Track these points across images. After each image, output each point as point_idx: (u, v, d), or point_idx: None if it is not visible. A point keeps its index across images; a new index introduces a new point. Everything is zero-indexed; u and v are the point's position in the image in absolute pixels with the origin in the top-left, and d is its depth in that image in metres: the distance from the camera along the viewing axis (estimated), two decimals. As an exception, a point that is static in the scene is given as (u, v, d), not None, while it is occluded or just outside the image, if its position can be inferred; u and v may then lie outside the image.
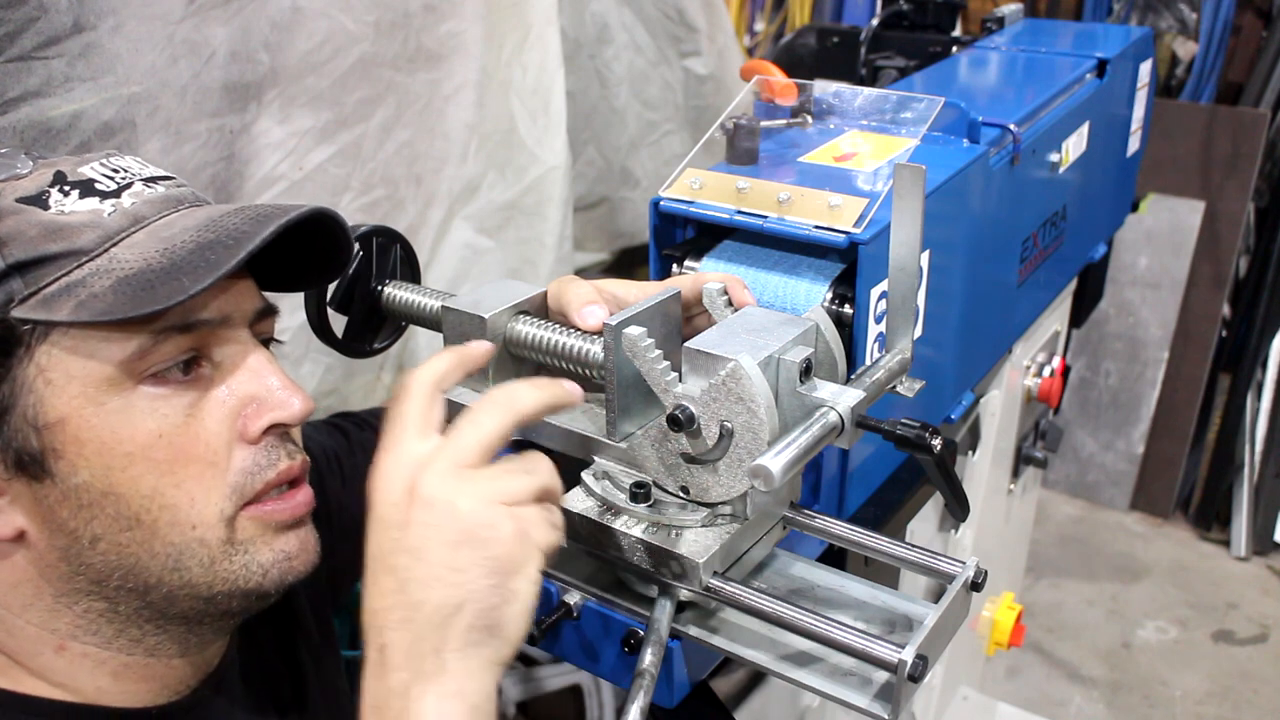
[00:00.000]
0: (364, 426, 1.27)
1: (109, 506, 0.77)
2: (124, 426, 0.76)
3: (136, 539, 0.78)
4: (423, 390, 0.76)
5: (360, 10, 1.43)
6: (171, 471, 0.77)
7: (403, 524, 0.69)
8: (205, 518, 0.79)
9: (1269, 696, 2.86)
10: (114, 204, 0.78)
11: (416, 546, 0.69)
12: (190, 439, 0.78)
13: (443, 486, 0.69)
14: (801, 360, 0.79)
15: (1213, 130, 3.35)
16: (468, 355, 0.82)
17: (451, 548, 0.68)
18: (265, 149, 1.37)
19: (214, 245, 0.76)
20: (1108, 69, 1.59)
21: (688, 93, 2.31)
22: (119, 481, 0.76)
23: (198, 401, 0.79)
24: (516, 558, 0.69)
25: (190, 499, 0.79)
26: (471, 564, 0.68)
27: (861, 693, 0.77)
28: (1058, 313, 1.84)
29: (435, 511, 0.69)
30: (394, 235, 1.05)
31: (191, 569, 0.80)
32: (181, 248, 0.76)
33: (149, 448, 0.77)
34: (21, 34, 1.09)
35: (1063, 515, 3.65)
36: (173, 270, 0.74)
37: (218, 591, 0.81)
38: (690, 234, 1.10)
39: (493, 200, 1.76)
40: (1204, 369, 3.47)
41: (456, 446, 0.71)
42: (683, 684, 0.88)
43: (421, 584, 0.68)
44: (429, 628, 0.68)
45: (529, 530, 0.70)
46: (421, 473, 0.70)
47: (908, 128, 1.13)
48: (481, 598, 0.68)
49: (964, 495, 0.93)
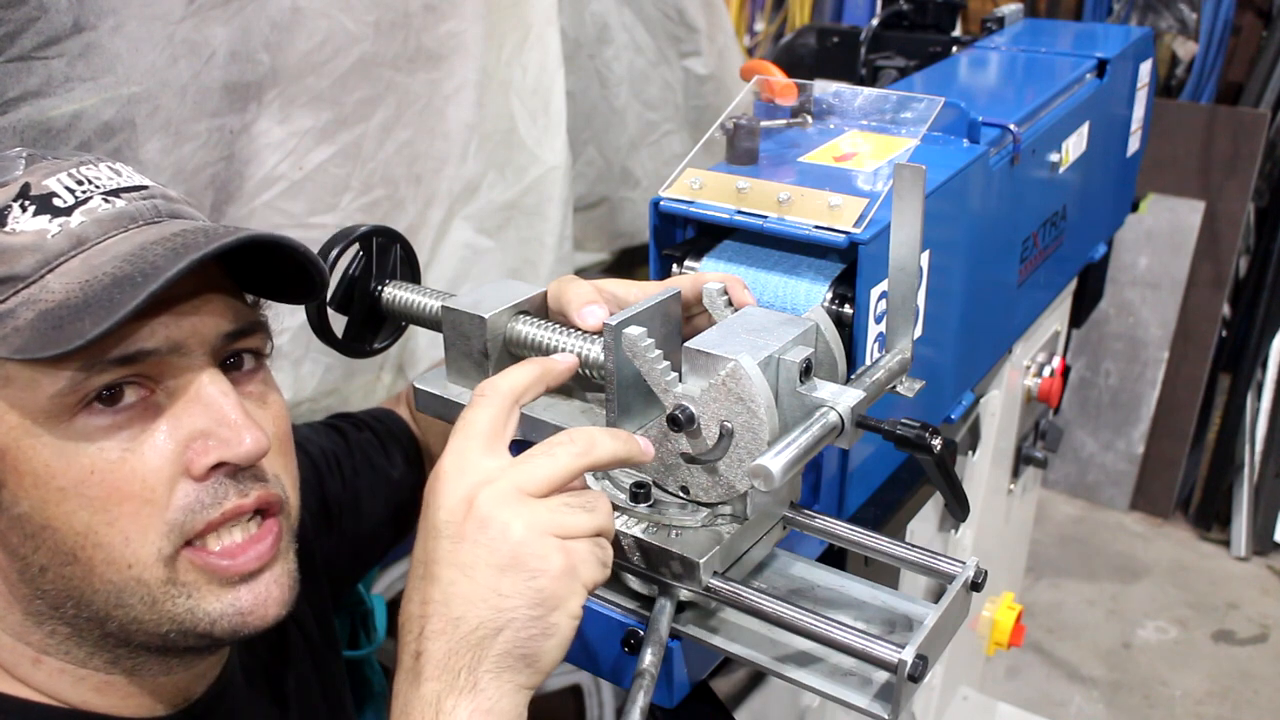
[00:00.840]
0: (362, 427, 1.26)
1: (48, 539, 0.75)
2: (58, 460, 0.73)
3: (77, 574, 0.76)
4: (500, 401, 0.75)
5: (360, 10, 1.43)
6: (105, 509, 0.74)
7: (456, 536, 0.69)
8: (140, 557, 0.75)
9: (1269, 696, 2.86)
10: (61, 223, 0.74)
11: (466, 563, 0.68)
12: (125, 475, 0.74)
13: (501, 508, 0.69)
14: (801, 360, 0.79)
15: (1213, 130, 3.35)
16: (550, 370, 0.81)
17: (499, 571, 0.68)
18: (265, 149, 1.37)
19: (125, 281, 0.71)
20: (1108, 69, 1.59)
21: (688, 93, 2.31)
22: (54, 516, 0.74)
23: (139, 435, 0.75)
24: (561, 592, 0.69)
25: (124, 537, 0.75)
26: (516, 591, 0.68)
27: (861, 693, 0.77)
28: (1058, 313, 1.84)
29: (489, 531, 0.68)
30: (394, 235, 1.05)
31: (134, 606, 0.77)
32: (98, 281, 0.72)
33: (81, 483, 0.73)
34: (21, 34, 1.09)
35: (1063, 515, 3.65)
36: (83, 308, 0.70)
37: (167, 630, 0.78)
38: (690, 234, 1.10)
39: (493, 200, 1.76)
40: (1204, 369, 3.47)
41: (524, 472, 0.71)
42: (683, 684, 0.88)
43: (465, 601, 0.68)
44: (466, 645, 0.68)
45: (578, 566, 0.70)
46: (483, 489, 0.70)
47: (908, 128, 1.13)
48: (521, 626, 0.68)
49: (964, 495, 0.93)
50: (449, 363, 0.95)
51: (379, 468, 1.24)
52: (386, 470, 1.24)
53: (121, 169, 0.82)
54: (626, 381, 0.83)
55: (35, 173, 0.77)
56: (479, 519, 0.69)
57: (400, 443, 1.27)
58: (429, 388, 0.96)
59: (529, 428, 0.91)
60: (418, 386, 0.97)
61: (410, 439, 1.28)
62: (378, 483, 1.23)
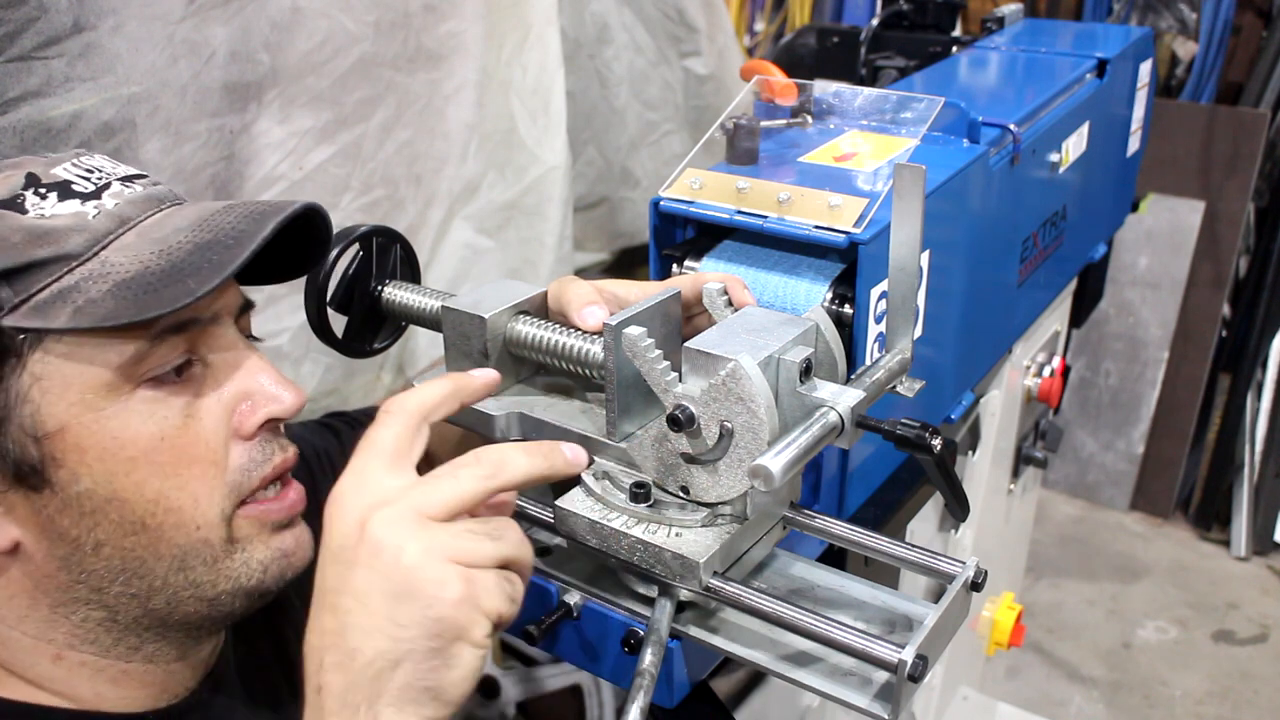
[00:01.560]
0: (356, 426, 1.26)
1: (113, 512, 0.76)
2: (125, 431, 0.75)
3: (142, 543, 0.78)
4: (406, 419, 0.71)
5: (360, 10, 1.43)
6: (176, 473, 0.77)
7: (349, 562, 0.65)
8: (209, 518, 0.79)
9: (1269, 696, 2.86)
10: (96, 205, 0.77)
11: (360, 590, 0.64)
12: (191, 439, 0.78)
13: (394, 531, 0.64)
14: (801, 360, 0.79)
15: (1213, 130, 3.35)
16: (465, 386, 0.77)
17: (394, 599, 0.64)
18: (265, 149, 1.37)
19: (213, 245, 0.75)
20: (1108, 69, 1.59)
21: (688, 93, 2.31)
22: (123, 487, 0.76)
23: (193, 401, 0.79)
24: (461, 622, 0.64)
25: (194, 500, 0.79)
26: (412, 620, 0.63)
27: (861, 693, 0.77)
28: (1058, 313, 1.84)
29: (383, 557, 0.64)
30: (394, 235, 1.05)
31: (196, 568, 0.80)
32: (179, 249, 0.75)
33: (152, 451, 0.76)
34: (21, 34, 1.09)
35: (1063, 515, 3.65)
36: (173, 272, 0.74)
37: (221, 591, 0.82)
38: (690, 234, 1.10)
39: (493, 200, 1.76)
40: (1204, 369, 3.47)
41: (424, 493, 0.67)
42: (683, 684, 0.88)
43: (361, 631, 0.64)
44: (364, 678, 0.64)
45: (479, 596, 0.65)
46: (378, 510, 0.66)
47: (908, 128, 1.13)
48: (421, 658, 0.64)
49: (964, 495, 0.93)
50: (449, 363, 0.95)
51: None
52: None
53: (111, 159, 0.84)
54: (626, 381, 0.83)
55: (33, 165, 0.79)
56: (372, 543, 0.64)
57: None
58: (429, 388, 0.96)
59: (530, 428, 0.91)
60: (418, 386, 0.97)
61: None
62: None
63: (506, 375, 0.94)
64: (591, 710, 2.22)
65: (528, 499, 0.89)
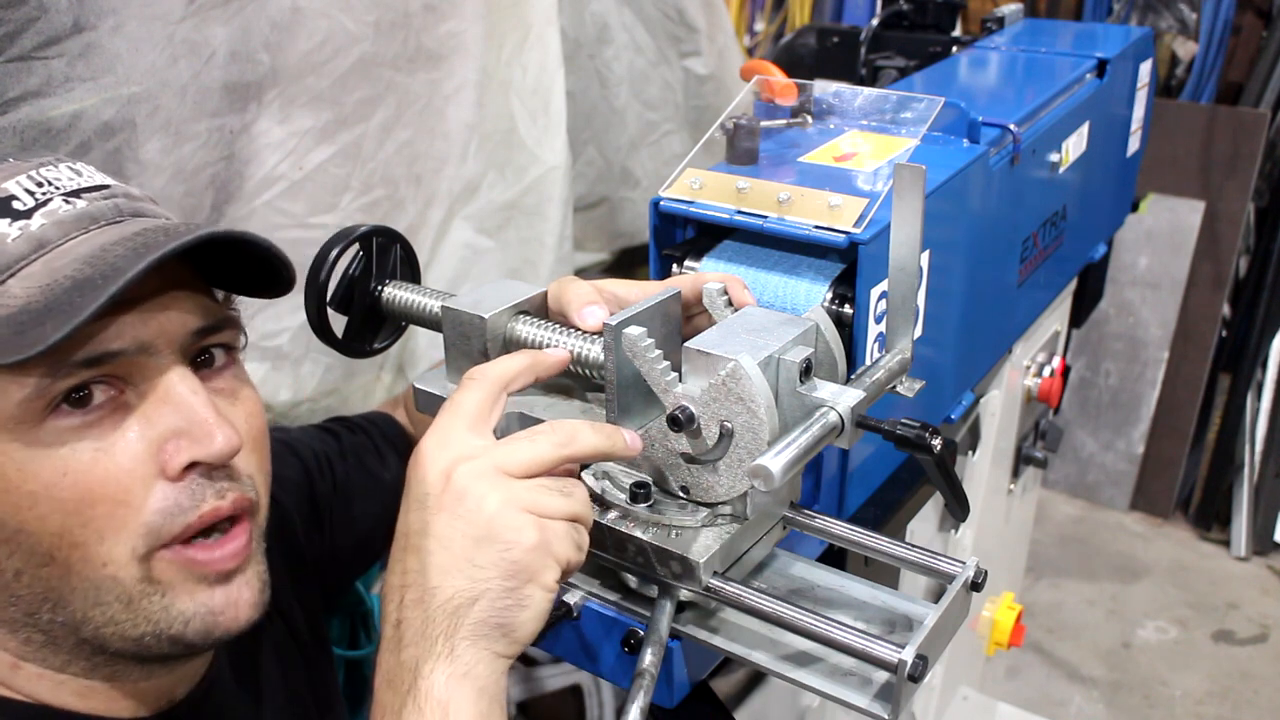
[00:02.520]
0: (356, 430, 1.26)
1: (22, 543, 0.74)
2: (29, 464, 0.72)
3: (55, 574, 0.75)
4: (488, 386, 0.76)
5: (360, 10, 1.43)
6: (79, 511, 0.74)
7: (434, 508, 0.71)
8: (115, 556, 0.75)
9: (1269, 696, 2.86)
10: (21, 226, 0.73)
11: (443, 534, 0.70)
12: (99, 477, 0.74)
13: (478, 482, 0.70)
14: (801, 360, 0.79)
15: (1213, 130, 3.35)
16: (541, 361, 0.82)
17: (474, 542, 0.69)
18: (265, 149, 1.37)
19: (85, 284, 0.70)
20: (1108, 69, 1.59)
21: (688, 93, 2.31)
22: (27, 520, 0.73)
23: (110, 435, 0.75)
24: (534, 565, 0.70)
25: (99, 536, 0.75)
26: (490, 562, 0.69)
27: (861, 693, 0.77)
28: (1058, 313, 1.84)
29: (465, 503, 0.70)
30: (394, 235, 1.05)
31: (111, 604, 0.77)
32: (59, 285, 0.71)
33: (54, 487, 0.73)
34: (21, 34, 1.09)
35: (1063, 515, 3.65)
36: (44, 312, 0.70)
37: (143, 632, 0.78)
38: (690, 234, 1.10)
39: (493, 200, 1.76)
40: (1204, 369, 3.47)
41: (504, 452, 0.72)
42: (683, 684, 0.88)
43: (441, 570, 0.69)
44: (442, 614, 0.69)
45: (552, 541, 0.71)
46: (462, 464, 0.71)
47: (908, 128, 1.13)
48: (496, 596, 0.69)
49: (964, 495, 0.93)
50: (449, 363, 0.95)
51: (371, 470, 1.23)
52: (379, 473, 1.24)
53: (83, 169, 0.81)
54: (626, 381, 0.83)
55: None
56: (456, 491, 0.70)
57: (394, 445, 1.27)
58: (429, 388, 0.96)
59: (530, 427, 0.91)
60: (418, 386, 0.97)
61: (405, 442, 1.28)
62: (370, 485, 1.22)
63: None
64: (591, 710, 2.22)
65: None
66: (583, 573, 0.89)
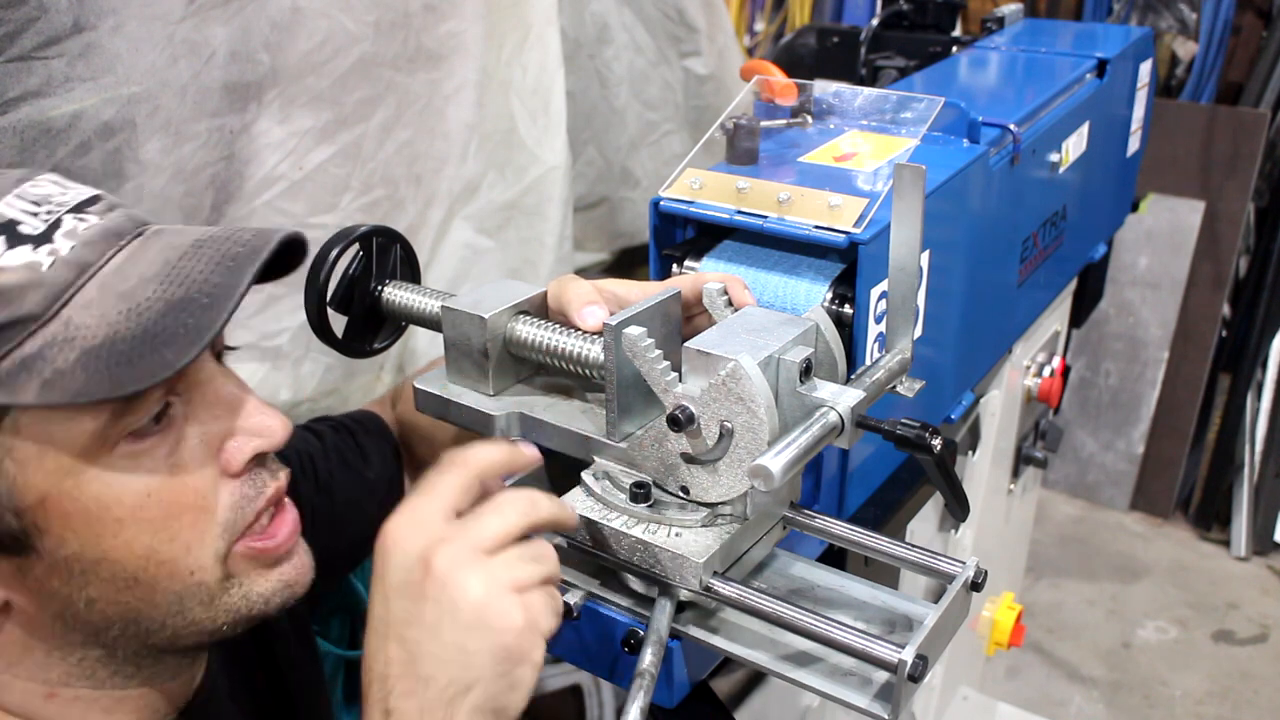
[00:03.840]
0: (340, 429, 1.25)
1: (104, 571, 0.74)
2: (108, 493, 0.72)
3: (136, 595, 0.76)
4: (466, 473, 0.76)
5: (360, 10, 1.43)
6: (165, 526, 0.75)
7: (417, 597, 0.70)
8: (202, 562, 0.77)
9: (1269, 696, 2.86)
10: (50, 250, 0.70)
11: (430, 623, 0.69)
12: (178, 490, 0.75)
13: (459, 569, 0.70)
14: (801, 360, 0.79)
15: (1213, 130, 3.35)
16: (519, 459, 0.82)
17: (465, 630, 0.69)
18: (265, 149, 1.37)
19: (187, 305, 0.70)
20: (1108, 69, 1.59)
21: (688, 93, 2.31)
22: (112, 547, 0.73)
23: (176, 448, 0.75)
24: (525, 646, 0.70)
25: (186, 548, 0.76)
26: (482, 649, 0.69)
27: (861, 693, 0.77)
28: (1058, 313, 1.84)
29: (450, 591, 0.69)
30: (394, 235, 1.05)
31: (194, 609, 0.79)
32: (149, 308, 0.70)
33: (138, 509, 0.73)
34: (21, 34, 1.09)
35: (1063, 515, 3.65)
36: (146, 339, 0.69)
37: (222, 623, 0.81)
38: (690, 234, 1.10)
39: (493, 200, 1.76)
40: (1204, 369, 3.47)
41: (478, 530, 0.72)
42: (683, 684, 0.88)
43: (433, 660, 0.69)
44: (438, 703, 0.69)
45: (537, 619, 0.71)
46: (440, 547, 0.70)
47: (908, 128, 1.13)
48: (490, 681, 0.69)
49: (964, 495, 0.93)
50: (449, 363, 0.95)
51: (355, 469, 1.23)
52: (363, 472, 1.23)
53: (59, 179, 0.77)
54: (626, 381, 0.83)
55: None
56: (438, 579, 0.69)
57: (378, 444, 1.26)
58: (429, 388, 0.96)
59: (530, 428, 0.91)
60: (418, 386, 0.97)
61: (389, 441, 1.28)
62: (353, 485, 1.22)
63: (506, 375, 0.95)
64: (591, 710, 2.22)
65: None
66: (583, 573, 0.89)
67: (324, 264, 0.99)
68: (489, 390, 0.93)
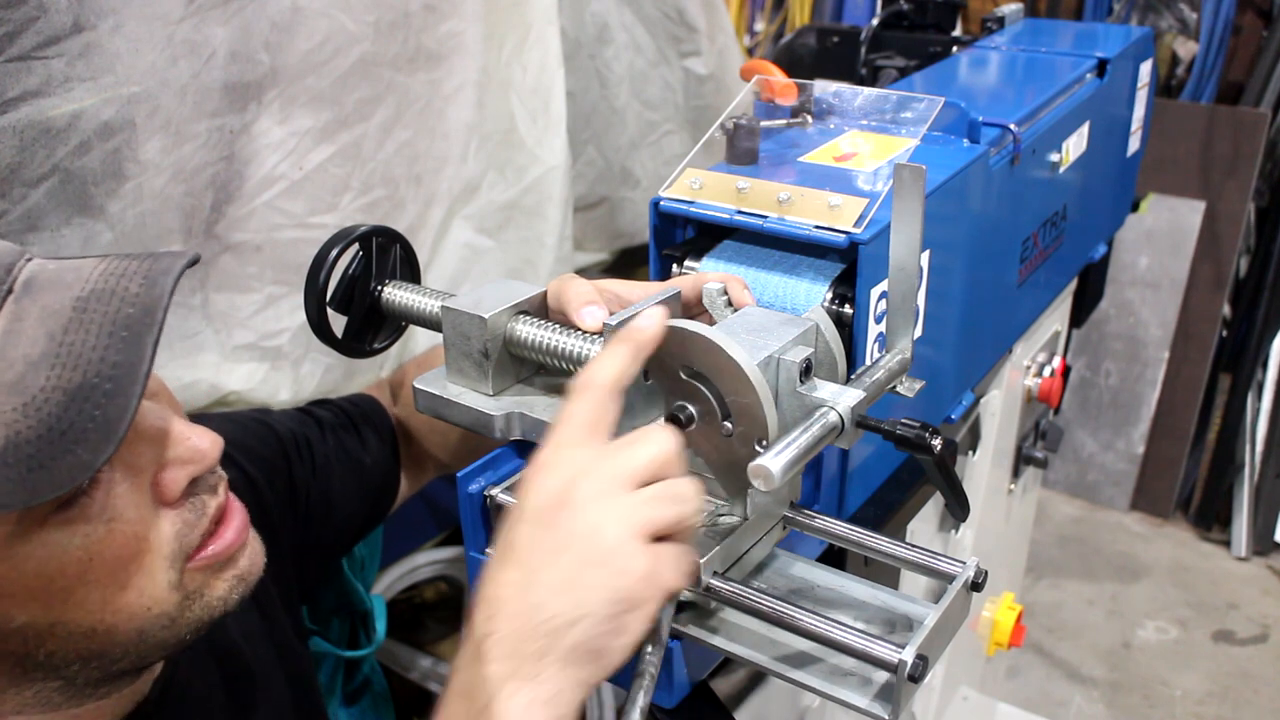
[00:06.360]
0: (337, 412, 1.25)
1: (59, 631, 0.73)
2: (49, 565, 0.70)
3: (96, 641, 0.75)
4: (597, 393, 0.73)
5: (360, 10, 1.43)
6: (113, 580, 0.73)
7: (547, 524, 0.69)
8: (157, 596, 0.76)
9: (1269, 696, 2.86)
10: None
11: (554, 550, 0.68)
12: (119, 541, 0.73)
13: (595, 503, 0.68)
14: (801, 360, 0.79)
15: (1213, 130, 3.34)
16: (641, 344, 0.76)
17: (585, 565, 0.67)
18: (265, 149, 1.37)
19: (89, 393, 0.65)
20: (1108, 69, 1.59)
21: (688, 93, 2.31)
22: (63, 611, 0.72)
23: (107, 500, 0.72)
24: (641, 595, 0.68)
25: (139, 591, 0.75)
26: (599, 587, 0.67)
27: (861, 693, 0.77)
28: (1058, 313, 1.84)
29: (580, 525, 0.68)
30: (394, 235, 1.05)
31: (156, 634, 0.78)
32: (46, 400, 0.64)
33: (83, 573, 0.71)
34: (21, 34, 1.09)
35: (1063, 515, 3.65)
36: (54, 438, 0.63)
37: (185, 635, 0.80)
38: (690, 234, 1.10)
39: (493, 200, 1.76)
40: (1204, 369, 3.47)
41: (620, 462, 0.70)
42: (683, 684, 0.88)
43: (547, 588, 0.67)
44: (540, 631, 0.67)
45: (661, 572, 0.69)
46: (579, 481, 0.69)
47: (908, 128, 1.13)
48: (597, 621, 0.67)
49: (964, 495, 0.93)
50: (449, 363, 0.95)
51: (351, 451, 1.23)
52: (359, 455, 1.23)
53: None
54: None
55: None
56: (571, 510, 0.68)
57: (375, 428, 1.27)
58: (429, 388, 0.96)
59: (530, 428, 0.91)
60: (418, 386, 0.97)
61: (386, 424, 1.28)
62: (349, 468, 1.22)
63: (506, 375, 0.95)
64: (591, 710, 2.22)
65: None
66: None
67: (324, 264, 0.99)
68: (489, 390, 0.93)
